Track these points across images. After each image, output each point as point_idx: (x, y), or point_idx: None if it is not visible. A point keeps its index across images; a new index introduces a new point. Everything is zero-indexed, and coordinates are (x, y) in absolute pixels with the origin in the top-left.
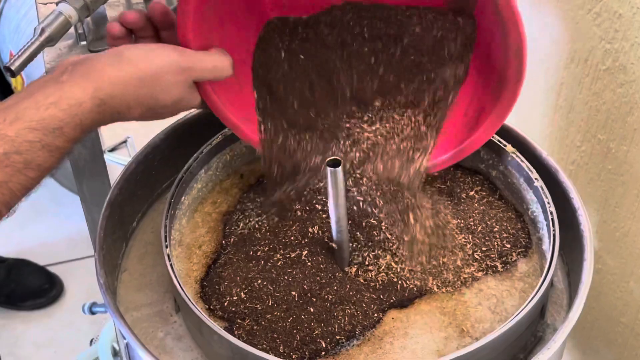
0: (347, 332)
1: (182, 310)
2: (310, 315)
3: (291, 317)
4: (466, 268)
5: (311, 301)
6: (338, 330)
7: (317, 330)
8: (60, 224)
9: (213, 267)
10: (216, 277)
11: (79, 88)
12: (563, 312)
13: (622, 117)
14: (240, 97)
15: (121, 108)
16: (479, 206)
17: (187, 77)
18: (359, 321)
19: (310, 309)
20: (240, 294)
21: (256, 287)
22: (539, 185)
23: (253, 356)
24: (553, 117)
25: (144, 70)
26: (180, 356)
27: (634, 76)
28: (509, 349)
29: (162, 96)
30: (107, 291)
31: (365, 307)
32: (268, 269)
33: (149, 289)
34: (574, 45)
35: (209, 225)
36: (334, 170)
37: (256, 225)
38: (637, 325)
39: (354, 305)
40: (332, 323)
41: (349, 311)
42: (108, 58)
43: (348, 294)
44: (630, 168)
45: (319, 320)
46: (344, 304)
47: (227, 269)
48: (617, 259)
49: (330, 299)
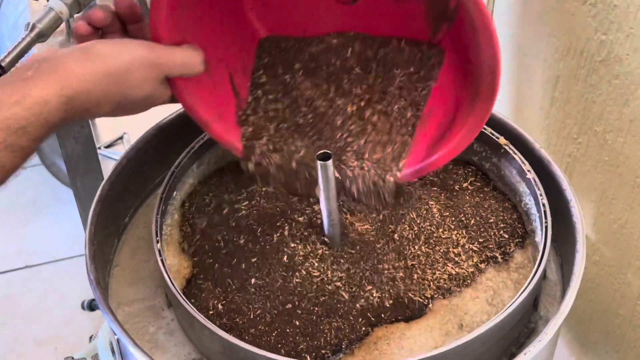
0: (333, 346)
1: (174, 306)
2: (296, 329)
3: (276, 331)
4: (466, 262)
5: (296, 313)
6: (324, 344)
7: (302, 345)
8: (60, 221)
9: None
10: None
11: (44, 85)
12: (556, 303)
13: (618, 108)
14: (214, 95)
15: (89, 105)
16: (472, 198)
17: (158, 72)
18: (345, 335)
19: (295, 322)
20: (217, 305)
21: (237, 300)
22: (532, 178)
23: (244, 350)
24: (549, 109)
25: (112, 67)
26: (172, 351)
27: (630, 67)
28: (502, 341)
29: (131, 92)
30: (98, 287)
31: (353, 320)
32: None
33: (141, 284)
34: (569, 37)
35: None
36: (324, 164)
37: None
38: (635, 317)
39: (341, 319)
40: (318, 337)
41: (336, 324)
42: (75, 54)
43: (335, 306)
44: (627, 159)
45: (305, 334)
46: (330, 317)
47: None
48: (615, 251)
49: (317, 311)
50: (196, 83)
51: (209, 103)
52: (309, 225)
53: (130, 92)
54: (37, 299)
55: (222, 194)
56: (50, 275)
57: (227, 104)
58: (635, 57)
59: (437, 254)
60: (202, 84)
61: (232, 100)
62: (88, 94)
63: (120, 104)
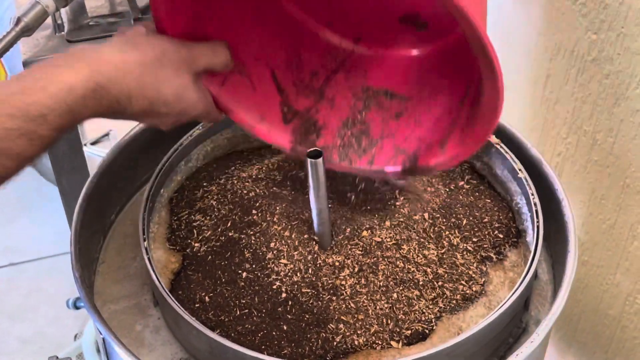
0: (318, 357)
1: (160, 304)
2: (282, 333)
3: (261, 332)
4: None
5: (286, 318)
6: (308, 353)
7: (286, 350)
8: (46, 218)
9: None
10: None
11: (72, 71)
12: (547, 304)
13: (608, 108)
14: (255, 96)
15: (121, 96)
16: (466, 198)
17: (185, 67)
18: (332, 347)
19: (283, 327)
20: (205, 298)
21: (225, 294)
22: (523, 177)
23: (231, 350)
24: (539, 109)
25: (148, 56)
26: (159, 350)
27: (620, 67)
28: (493, 342)
29: (163, 88)
30: (83, 285)
31: (342, 334)
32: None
33: (127, 282)
34: (560, 36)
35: None
36: (315, 162)
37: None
38: (623, 318)
39: (331, 333)
40: (304, 345)
41: (324, 335)
42: (113, 42)
43: (327, 318)
44: (617, 160)
45: (291, 340)
46: (320, 327)
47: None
48: (604, 251)
49: (307, 319)
50: (234, 87)
51: (250, 105)
52: (303, 223)
53: (162, 88)
54: (22, 297)
55: (211, 187)
56: (36, 273)
57: (271, 103)
58: (625, 56)
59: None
60: (240, 87)
61: (276, 97)
62: (119, 83)
63: (153, 103)
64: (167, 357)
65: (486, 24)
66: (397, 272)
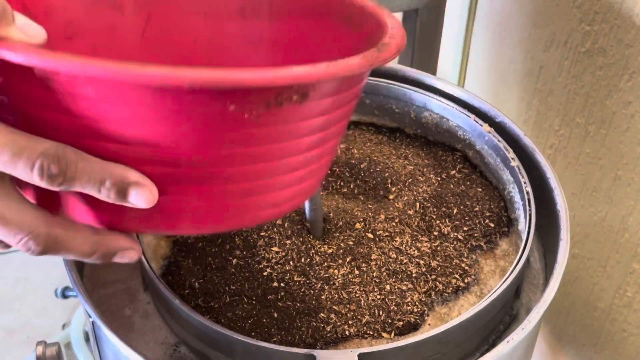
0: (308, 346)
1: (150, 288)
2: (273, 321)
3: (252, 319)
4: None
5: (277, 305)
6: (298, 342)
7: (276, 337)
8: None
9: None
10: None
11: None
12: (539, 292)
13: (600, 100)
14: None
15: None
16: (457, 187)
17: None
18: (322, 336)
19: (274, 314)
20: (194, 284)
21: (215, 281)
22: (516, 166)
23: (222, 335)
24: (532, 100)
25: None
26: (148, 335)
27: (613, 59)
28: (483, 329)
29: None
30: (73, 267)
31: (333, 323)
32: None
33: (117, 266)
34: (553, 28)
35: None
36: None
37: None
38: (613, 310)
39: (322, 323)
40: (294, 333)
41: (315, 324)
42: None
43: (318, 307)
44: (609, 152)
45: (280, 327)
46: (310, 315)
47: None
48: (595, 244)
49: (298, 307)
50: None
51: None
52: (296, 212)
53: None
54: (9, 287)
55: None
56: (23, 263)
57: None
58: (619, 48)
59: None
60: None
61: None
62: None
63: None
64: (157, 342)
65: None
66: (390, 264)
